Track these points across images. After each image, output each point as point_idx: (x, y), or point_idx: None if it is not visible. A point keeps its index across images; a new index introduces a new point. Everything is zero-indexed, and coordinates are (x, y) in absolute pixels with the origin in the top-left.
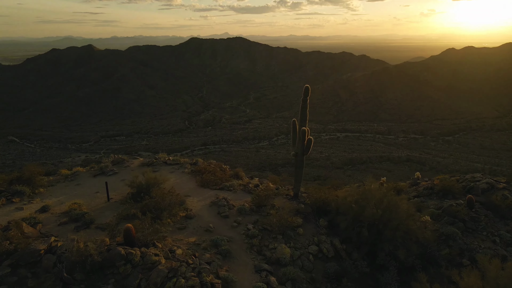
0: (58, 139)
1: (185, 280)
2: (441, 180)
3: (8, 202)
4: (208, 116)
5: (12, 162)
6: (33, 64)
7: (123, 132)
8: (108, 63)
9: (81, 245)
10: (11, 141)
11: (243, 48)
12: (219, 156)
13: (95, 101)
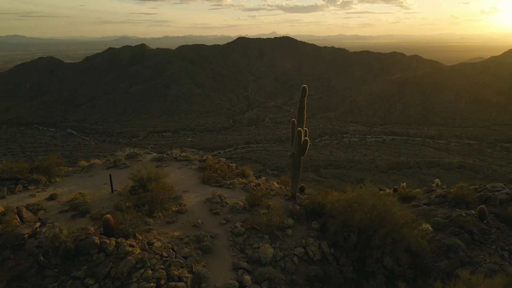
0: (111, 133)
1: (152, 272)
2: (458, 189)
3: (24, 189)
4: (252, 115)
5: (69, 153)
6: (91, 62)
7: (170, 128)
8: (159, 61)
9: (57, 232)
10: (69, 133)
11: (290, 47)
12: (260, 155)
13: (146, 98)
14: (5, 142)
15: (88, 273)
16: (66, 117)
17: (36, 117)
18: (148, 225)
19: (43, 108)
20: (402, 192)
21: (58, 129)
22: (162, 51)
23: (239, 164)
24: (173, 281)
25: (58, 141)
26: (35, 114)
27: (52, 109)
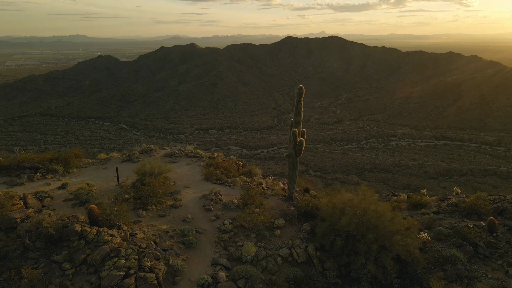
0: (160, 129)
1: (125, 261)
2: (473, 198)
3: (42, 177)
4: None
5: (121, 147)
6: (144, 60)
7: (215, 126)
8: (208, 60)
9: (41, 218)
10: (122, 128)
11: (338, 47)
12: (303, 156)
13: (194, 96)
14: (65, 134)
15: (66, 258)
16: (120, 112)
17: (93, 112)
18: (140, 217)
19: (100, 104)
20: (414, 199)
21: (112, 124)
22: (211, 50)
23: (281, 164)
24: (144, 272)
25: (111, 135)
26: (92, 109)
27: (108, 104)
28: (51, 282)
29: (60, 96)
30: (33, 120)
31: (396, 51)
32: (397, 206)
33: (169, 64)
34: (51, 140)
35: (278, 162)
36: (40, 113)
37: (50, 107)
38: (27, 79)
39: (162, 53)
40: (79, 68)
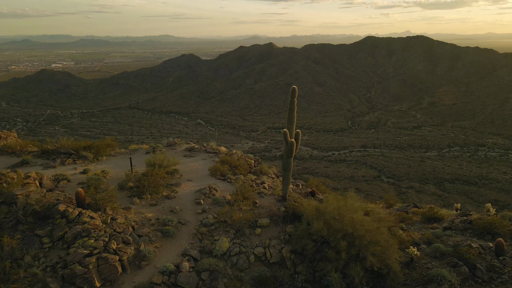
0: (233, 126)
1: (93, 241)
2: (493, 217)
3: (73, 162)
4: (373, 118)
5: (196, 141)
6: (223, 59)
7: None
8: (284, 60)
9: (31, 196)
10: (198, 123)
11: (424, 47)
12: (377, 161)
13: (268, 95)
14: (148, 127)
15: (47, 234)
16: (198, 108)
17: (174, 107)
18: (133, 204)
19: (180, 100)
20: (428, 212)
21: (190, 119)
22: (288, 49)
23: (352, 168)
24: (108, 253)
25: (189, 129)
26: (173, 104)
27: (187, 100)
28: (28, 252)
29: (147, 91)
30: (123, 113)
31: (492, 51)
32: (409, 218)
33: (246, 63)
34: (136, 132)
35: (349, 165)
36: (129, 106)
37: (138, 101)
38: (121, 75)
39: (240, 52)
40: (164, 66)
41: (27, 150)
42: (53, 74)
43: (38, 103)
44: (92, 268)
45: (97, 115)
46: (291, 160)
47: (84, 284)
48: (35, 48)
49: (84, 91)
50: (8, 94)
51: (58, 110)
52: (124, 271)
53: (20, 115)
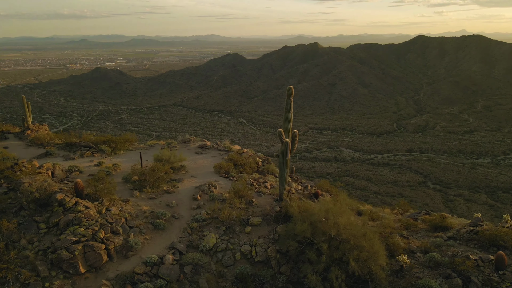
0: (275, 125)
1: (84, 230)
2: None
3: (91, 155)
4: (420, 121)
5: (238, 140)
6: (267, 59)
7: (330, 127)
8: (329, 60)
9: (33, 185)
10: (240, 122)
11: (480, 47)
12: (423, 166)
13: (311, 95)
14: (192, 124)
15: (45, 220)
16: (240, 107)
17: (217, 105)
18: (133, 197)
19: (224, 98)
20: (435, 220)
21: (232, 118)
22: (333, 49)
23: (396, 172)
24: (95, 241)
25: (231, 128)
26: (217, 102)
27: (231, 99)
28: (24, 236)
29: (192, 89)
30: (168, 110)
31: None
32: (415, 225)
33: (290, 62)
34: (180, 129)
35: (393, 169)
36: (174, 104)
37: (183, 99)
38: (168, 73)
39: (284, 52)
40: (210, 65)
41: (53, 143)
42: (106, 72)
43: (92, 99)
44: (78, 255)
45: (145, 112)
46: (287, 160)
47: (70, 269)
48: (92, 47)
49: (134, 88)
50: (66, 90)
51: (110, 106)
52: (111, 259)
53: (76, 110)
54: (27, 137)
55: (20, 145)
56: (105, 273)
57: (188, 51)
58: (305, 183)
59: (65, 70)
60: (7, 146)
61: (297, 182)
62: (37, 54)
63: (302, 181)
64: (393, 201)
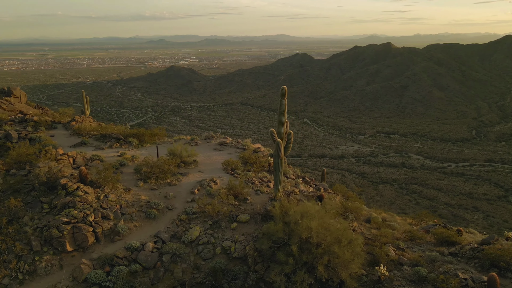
0: (340, 127)
1: (77, 212)
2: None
3: (119, 146)
4: (505, 129)
5: (301, 140)
6: (336, 59)
7: (399, 131)
8: (402, 61)
9: (42, 169)
10: (305, 123)
11: None
12: (504, 178)
13: (380, 97)
14: (256, 123)
15: (48, 201)
16: (306, 108)
17: None
18: (136, 187)
19: (289, 98)
20: (443, 234)
21: (297, 118)
22: (408, 50)
23: (472, 183)
24: (84, 224)
25: (294, 128)
26: None
27: (296, 99)
28: (28, 214)
29: (258, 88)
30: (235, 108)
31: None
32: (419, 237)
33: (360, 63)
34: (245, 127)
35: (468, 180)
36: (241, 102)
37: (249, 98)
38: (236, 72)
39: (354, 52)
40: (277, 65)
41: (91, 133)
42: (179, 70)
43: (165, 96)
44: (66, 234)
45: (212, 109)
46: (281, 160)
47: (58, 246)
48: (168, 47)
49: (204, 86)
50: (143, 87)
51: (181, 102)
52: (98, 241)
53: (151, 106)
54: (72, 127)
55: (65, 135)
56: (90, 254)
57: (257, 50)
58: (319, 186)
59: (144, 68)
60: (54, 134)
61: (309, 184)
62: (121, 53)
63: (316, 183)
64: (467, 214)
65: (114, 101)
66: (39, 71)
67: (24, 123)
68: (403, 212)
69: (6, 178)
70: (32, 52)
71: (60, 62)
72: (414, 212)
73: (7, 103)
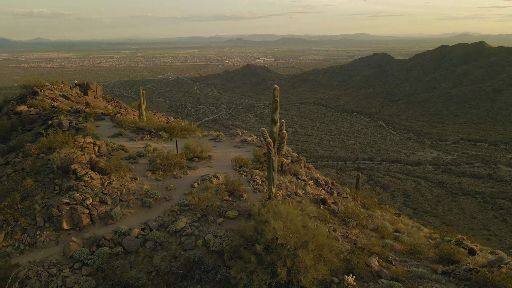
0: (418, 132)
1: (78, 195)
2: None
3: (149, 139)
4: None
5: (374, 143)
6: (419, 59)
7: (487, 139)
8: (497, 61)
9: (57, 156)
10: (379, 125)
11: None
12: None
13: (468, 101)
14: (328, 124)
15: (60, 184)
16: (381, 110)
17: (357, 106)
18: (144, 177)
19: (364, 99)
20: (446, 250)
21: (371, 120)
22: (504, 49)
23: None
24: (82, 206)
25: (368, 130)
26: (357, 103)
27: (372, 101)
28: (40, 193)
29: (333, 88)
30: (307, 108)
31: None
32: (420, 252)
33: (446, 64)
34: (316, 127)
35: None
36: (314, 102)
37: (323, 98)
38: (311, 72)
39: (440, 52)
40: (354, 64)
41: (130, 126)
42: (255, 68)
43: (240, 93)
44: (65, 214)
45: (284, 108)
46: (275, 160)
47: (57, 224)
48: (246, 46)
49: (277, 85)
50: (220, 84)
51: (254, 100)
52: (93, 223)
53: (225, 103)
54: (116, 119)
55: (109, 126)
56: (84, 233)
57: (335, 50)
58: (333, 189)
59: (221, 66)
60: (100, 125)
61: (322, 187)
62: (201, 52)
63: (331, 187)
64: None
65: (192, 97)
66: (129, 68)
67: (77, 114)
68: (485, 228)
69: (35, 161)
70: (124, 50)
71: (147, 60)
72: (499, 229)
73: (76, 95)
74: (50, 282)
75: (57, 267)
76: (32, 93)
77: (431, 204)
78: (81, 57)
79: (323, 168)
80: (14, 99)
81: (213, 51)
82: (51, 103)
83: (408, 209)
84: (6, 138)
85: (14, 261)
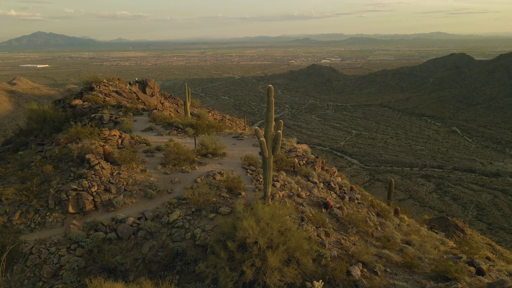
0: (498, 140)
1: (86, 183)
2: None
3: (176, 134)
4: None
5: (445, 150)
6: (503, 60)
7: None
8: None
9: (75, 147)
10: (453, 131)
11: None
12: None
13: None
14: (395, 127)
15: (75, 171)
16: (456, 114)
17: (428, 110)
18: (154, 169)
19: (437, 103)
20: (442, 267)
21: (444, 125)
22: None
23: None
24: (87, 193)
25: (439, 136)
26: (428, 107)
27: (445, 104)
28: (56, 179)
29: (402, 90)
30: (373, 110)
31: None
32: (416, 265)
33: None
34: (381, 130)
35: None
36: (380, 104)
37: (390, 100)
38: (379, 73)
39: None
40: (427, 65)
41: (163, 121)
42: (320, 68)
43: (304, 93)
44: (71, 199)
45: (349, 109)
46: (270, 159)
47: (64, 207)
48: (312, 45)
49: (343, 85)
50: (284, 84)
51: (318, 101)
52: (97, 209)
53: (288, 102)
54: (152, 115)
55: (145, 121)
56: (87, 218)
57: (407, 50)
58: (346, 195)
59: (287, 65)
60: (137, 120)
61: (333, 190)
62: (268, 51)
63: (345, 190)
64: None
65: (256, 96)
66: (198, 67)
67: (119, 109)
68: None
69: (62, 150)
70: (195, 50)
71: (215, 59)
72: None
73: (128, 92)
74: (48, 259)
75: (57, 246)
76: (89, 88)
77: (509, 220)
78: (155, 56)
79: (387, 173)
80: (75, 93)
81: (279, 51)
82: (103, 97)
83: (481, 223)
84: (59, 128)
85: (23, 237)
